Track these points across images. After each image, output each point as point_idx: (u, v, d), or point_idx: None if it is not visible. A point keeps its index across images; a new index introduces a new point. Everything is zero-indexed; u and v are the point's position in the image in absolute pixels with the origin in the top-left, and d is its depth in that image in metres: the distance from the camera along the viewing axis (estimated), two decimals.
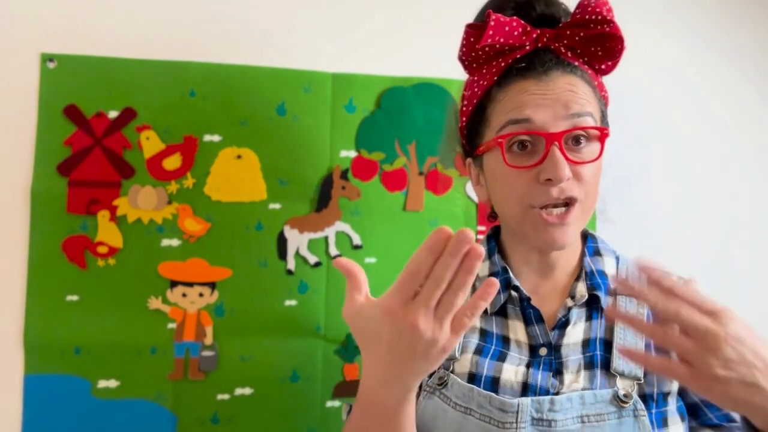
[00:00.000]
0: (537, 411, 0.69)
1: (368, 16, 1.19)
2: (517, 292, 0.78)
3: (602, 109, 0.77)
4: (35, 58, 1.07)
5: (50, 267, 1.07)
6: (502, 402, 0.70)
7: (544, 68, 0.72)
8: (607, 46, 0.73)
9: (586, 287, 0.77)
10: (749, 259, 1.33)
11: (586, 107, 0.72)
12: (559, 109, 0.70)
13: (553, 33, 0.74)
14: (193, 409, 1.11)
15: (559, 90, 0.71)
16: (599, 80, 0.78)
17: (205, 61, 1.12)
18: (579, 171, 0.71)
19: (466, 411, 0.72)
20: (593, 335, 0.74)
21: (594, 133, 0.72)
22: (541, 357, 0.75)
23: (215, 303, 1.12)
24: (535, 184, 0.71)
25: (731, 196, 1.33)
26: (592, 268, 0.78)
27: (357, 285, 0.59)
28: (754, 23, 1.34)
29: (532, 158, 0.71)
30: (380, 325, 0.56)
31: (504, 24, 0.72)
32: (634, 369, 0.71)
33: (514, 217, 0.75)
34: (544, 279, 0.80)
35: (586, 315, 0.76)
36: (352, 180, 1.17)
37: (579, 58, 0.75)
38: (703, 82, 1.32)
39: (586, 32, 0.72)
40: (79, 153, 1.08)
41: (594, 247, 0.81)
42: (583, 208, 0.73)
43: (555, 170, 0.69)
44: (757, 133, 1.34)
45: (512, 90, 0.73)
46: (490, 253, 0.83)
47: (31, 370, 1.06)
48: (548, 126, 0.70)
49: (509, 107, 0.73)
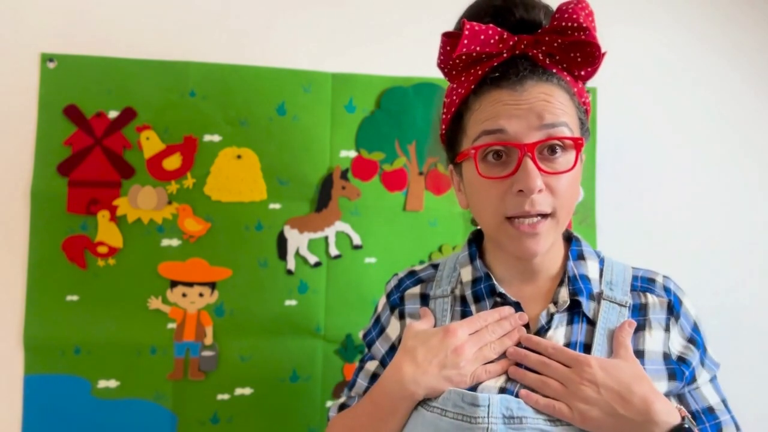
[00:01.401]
0: (507, 408, 0.69)
1: (368, 16, 1.19)
2: (503, 299, 0.78)
3: (581, 117, 0.76)
4: (35, 58, 1.07)
5: (50, 267, 1.07)
6: (474, 396, 0.70)
7: (518, 77, 0.72)
8: (585, 52, 0.73)
9: (568, 292, 0.76)
10: (750, 258, 1.33)
11: (561, 117, 0.71)
12: (533, 119, 0.70)
13: (531, 39, 0.73)
14: (193, 409, 1.11)
15: (533, 100, 0.71)
16: (579, 87, 0.77)
17: (205, 61, 1.12)
18: (552, 182, 0.71)
19: (442, 412, 0.72)
20: (574, 339, 0.74)
21: (569, 143, 0.72)
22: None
23: (215, 303, 1.12)
24: (508, 195, 0.71)
25: (732, 196, 1.33)
26: (575, 272, 0.78)
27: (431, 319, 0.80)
28: (753, 25, 1.34)
29: (506, 169, 0.71)
30: (436, 338, 0.74)
31: (479, 33, 0.72)
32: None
33: (489, 227, 0.76)
34: (527, 284, 0.79)
35: (567, 319, 0.76)
36: (352, 180, 1.17)
37: (557, 65, 0.74)
38: (701, 83, 1.32)
39: (563, 39, 0.72)
40: (79, 153, 1.08)
41: (578, 250, 0.81)
42: (557, 220, 0.73)
43: (527, 181, 0.69)
44: (756, 133, 1.34)
45: (486, 100, 0.73)
46: (471, 257, 0.83)
47: (31, 370, 1.06)
48: (521, 137, 0.70)
49: (483, 117, 0.73)
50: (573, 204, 0.75)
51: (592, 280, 0.78)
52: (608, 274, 0.79)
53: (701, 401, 0.76)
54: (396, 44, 1.19)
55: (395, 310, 0.86)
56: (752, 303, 1.31)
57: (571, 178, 0.73)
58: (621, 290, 0.77)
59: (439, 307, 0.81)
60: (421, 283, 0.86)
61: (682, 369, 0.74)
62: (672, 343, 0.75)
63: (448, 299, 0.81)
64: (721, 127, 1.33)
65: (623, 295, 0.77)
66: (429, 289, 0.85)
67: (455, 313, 0.80)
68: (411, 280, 0.87)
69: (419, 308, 0.83)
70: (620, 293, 0.77)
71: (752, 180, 1.33)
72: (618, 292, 0.77)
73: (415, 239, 1.19)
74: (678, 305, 0.77)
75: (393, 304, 0.87)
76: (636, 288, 0.78)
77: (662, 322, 0.76)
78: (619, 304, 0.76)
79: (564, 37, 0.72)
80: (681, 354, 0.75)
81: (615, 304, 0.76)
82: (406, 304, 0.85)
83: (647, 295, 0.77)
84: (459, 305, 0.81)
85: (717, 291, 1.30)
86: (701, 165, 1.32)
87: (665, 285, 0.79)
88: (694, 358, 0.75)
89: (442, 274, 0.85)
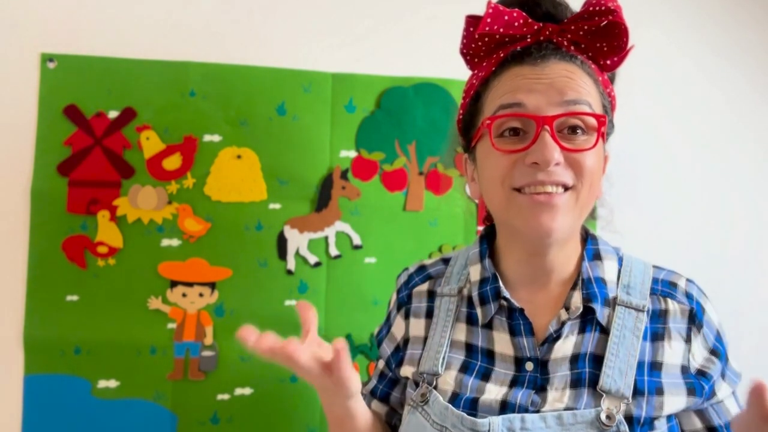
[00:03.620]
0: (509, 429, 0.66)
1: (368, 16, 1.19)
2: (507, 303, 0.74)
3: (604, 104, 0.72)
4: (35, 58, 1.07)
5: (50, 267, 1.07)
6: (473, 422, 0.67)
7: (540, 54, 0.69)
8: (612, 39, 0.70)
9: (581, 297, 0.71)
10: (752, 258, 1.33)
11: (584, 95, 0.67)
12: (554, 94, 0.67)
13: (556, 28, 0.71)
14: (193, 409, 1.11)
15: (555, 75, 0.67)
16: (604, 77, 0.74)
17: (205, 61, 1.12)
18: (574, 158, 0.66)
19: (442, 429, 0.70)
20: (584, 350, 0.70)
21: (592, 125, 0.67)
22: (527, 372, 0.71)
23: (215, 303, 1.12)
24: (518, 166, 0.67)
25: (735, 196, 1.33)
26: (590, 274, 0.73)
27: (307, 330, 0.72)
28: (757, 25, 1.34)
29: (523, 143, 0.67)
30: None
31: (503, 13, 0.70)
32: (623, 388, 0.67)
33: (499, 205, 0.71)
34: (538, 288, 0.75)
35: (579, 327, 0.71)
36: (352, 180, 1.17)
37: (583, 53, 0.72)
38: (707, 84, 1.32)
39: (590, 24, 0.69)
40: (79, 153, 1.08)
41: (594, 249, 0.76)
42: (578, 198, 0.67)
43: (542, 153, 0.64)
44: (761, 133, 1.34)
45: (506, 75, 0.70)
46: (481, 255, 0.78)
47: (31, 370, 1.06)
48: (540, 110, 0.66)
49: (502, 92, 0.69)
50: (595, 186, 0.70)
51: (609, 282, 0.73)
52: (626, 276, 0.74)
53: (725, 416, 0.72)
54: (396, 44, 1.19)
55: (401, 309, 0.85)
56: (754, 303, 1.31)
57: (595, 158, 0.68)
58: (639, 294, 0.72)
59: (444, 306, 0.79)
60: (430, 279, 0.83)
61: (701, 383, 0.70)
62: (693, 356, 0.71)
63: (454, 299, 0.79)
64: (726, 127, 1.33)
65: (641, 299, 0.72)
66: (437, 285, 0.82)
67: (461, 314, 0.78)
68: (420, 276, 0.85)
69: (425, 306, 0.81)
70: (638, 297, 0.72)
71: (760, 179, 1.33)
72: (636, 296, 0.72)
73: (415, 239, 1.19)
74: (701, 314, 0.72)
75: (400, 302, 0.85)
76: (656, 292, 0.73)
77: (683, 332, 0.71)
78: (636, 309, 0.71)
79: (590, 23, 0.69)
80: (702, 367, 0.71)
81: (632, 309, 0.71)
82: (413, 303, 0.83)
83: (668, 300, 0.72)
84: (465, 306, 0.78)
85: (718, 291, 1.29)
86: (702, 165, 1.32)
87: (687, 291, 0.74)
88: (715, 371, 0.71)
89: (452, 270, 0.82)
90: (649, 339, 0.71)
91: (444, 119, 1.19)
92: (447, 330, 0.77)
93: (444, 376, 0.75)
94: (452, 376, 0.74)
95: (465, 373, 0.74)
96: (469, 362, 0.75)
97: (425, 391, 0.74)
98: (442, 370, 0.75)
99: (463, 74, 0.83)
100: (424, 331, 0.80)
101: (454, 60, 0.82)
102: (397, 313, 0.85)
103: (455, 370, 0.75)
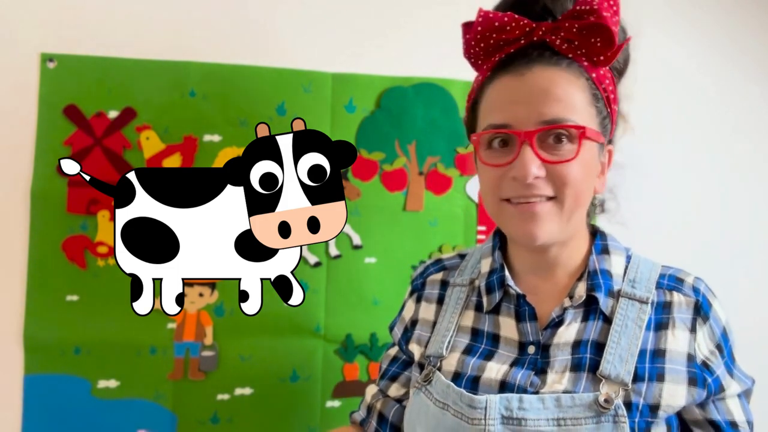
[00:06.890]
0: (506, 409, 0.68)
1: (368, 16, 1.19)
2: (510, 289, 0.77)
3: (597, 105, 0.73)
4: (35, 58, 1.07)
5: (50, 267, 1.07)
6: (471, 398, 0.69)
7: (525, 61, 0.71)
8: (604, 36, 0.71)
9: (585, 287, 0.74)
10: (753, 258, 1.33)
11: (563, 106, 0.69)
12: (534, 107, 0.69)
13: (550, 26, 0.72)
14: (193, 409, 1.11)
15: (537, 87, 0.70)
16: (600, 73, 0.75)
17: (205, 61, 1.12)
18: (555, 170, 0.69)
19: (444, 407, 0.72)
20: (586, 337, 0.72)
21: (575, 132, 0.70)
22: (528, 355, 0.73)
23: (215, 303, 1.12)
24: (505, 179, 0.71)
25: (737, 196, 1.33)
26: (596, 266, 0.75)
27: None
28: (758, 26, 1.34)
29: (508, 156, 0.71)
30: None
31: (493, 19, 0.72)
32: (623, 374, 0.68)
33: (492, 212, 0.76)
34: (544, 278, 0.78)
35: (582, 316, 0.74)
36: (352, 180, 1.17)
37: (576, 51, 0.73)
38: (710, 84, 1.32)
39: (580, 23, 0.71)
40: (79, 153, 1.08)
41: (602, 245, 0.78)
42: (563, 207, 0.70)
43: (520, 169, 0.68)
44: (763, 133, 1.34)
45: (494, 88, 0.74)
46: (493, 249, 0.83)
47: (31, 370, 1.06)
48: (521, 125, 0.69)
49: (490, 107, 0.73)
50: (582, 192, 0.72)
51: (615, 275, 0.75)
52: (633, 272, 0.76)
53: (725, 414, 0.72)
54: (396, 44, 1.19)
55: (414, 294, 0.89)
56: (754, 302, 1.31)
57: (578, 166, 0.70)
58: (644, 288, 0.74)
59: (455, 295, 0.83)
60: (444, 270, 0.88)
61: (704, 376, 0.70)
62: (699, 345, 0.71)
63: (465, 288, 0.83)
64: (729, 127, 1.33)
65: (646, 292, 0.73)
66: (451, 276, 0.86)
67: (470, 303, 0.81)
68: (436, 267, 0.89)
69: (437, 293, 0.85)
70: (643, 290, 0.73)
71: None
72: (641, 289, 0.74)
73: (415, 239, 1.19)
74: (707, 307, 0.73)
75: (414, 288, 0.90)
76: (662, 285, 0.74)
77: (687, 322, 0.71)
78: (639, 301, 0.72)
79: (580, 21, 0.71)
80: (706, 359, 0.71)
81: (635, 301, 0.72)
82: (426, 289, 0.87)
83: (673, 293, 0.73)
84: (475, 295, 0.82)
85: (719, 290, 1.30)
86: (703, 166, 1.32)
87: (695, 285, 0.74)
88: (718, 366, 0.71)
89: (467, 264, 0.86)
90: (653, 329, 0.72)
91: (444, 119, 1.19)
92: (455, 316, 0.81)
93: (448, 358, 0.77)
94: (456, 358, 0.77)
95: (468, 354, 0.76)
96: (473, 345, 0.78)
97: (429, 372, 0.77)
98: (446, 353, 0.78)
99: (463, 74, 0.84)
100: (433, 316, 0.84)
101: (454, 60, 0.82)
102: (409, 298, 0.90)
103: (459, 352, 0.77)
